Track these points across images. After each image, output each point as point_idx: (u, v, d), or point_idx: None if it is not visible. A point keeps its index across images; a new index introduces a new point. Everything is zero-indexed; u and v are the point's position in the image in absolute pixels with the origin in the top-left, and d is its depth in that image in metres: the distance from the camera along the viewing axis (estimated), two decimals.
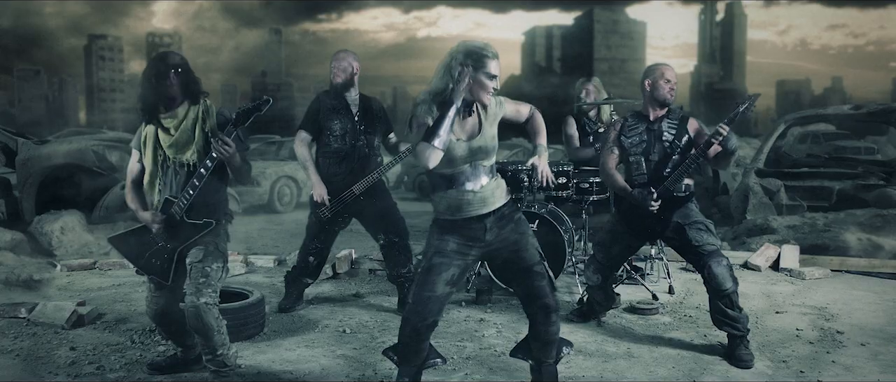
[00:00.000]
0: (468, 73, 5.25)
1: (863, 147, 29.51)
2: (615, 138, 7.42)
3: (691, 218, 7.11)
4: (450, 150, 5.28)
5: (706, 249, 6.97)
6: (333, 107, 8.27)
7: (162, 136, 5.86)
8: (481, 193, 5.46)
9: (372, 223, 8.52)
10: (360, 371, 6.59)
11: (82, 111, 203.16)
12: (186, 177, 5.86)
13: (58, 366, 6.67)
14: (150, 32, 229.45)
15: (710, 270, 6.90)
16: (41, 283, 9.95)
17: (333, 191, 8.21)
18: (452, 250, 5.47)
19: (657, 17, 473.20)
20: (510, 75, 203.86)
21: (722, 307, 6.92)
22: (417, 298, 5.38)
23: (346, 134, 8.24)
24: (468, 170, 5.44)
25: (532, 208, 9.06)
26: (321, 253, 8.60)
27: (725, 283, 6.87)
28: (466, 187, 5.42)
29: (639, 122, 7.37)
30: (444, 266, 5.43)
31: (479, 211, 5.47)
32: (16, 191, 15.34)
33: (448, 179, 5.43)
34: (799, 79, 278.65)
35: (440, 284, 5.39)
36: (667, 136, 7.20)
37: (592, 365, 6.71)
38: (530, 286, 5.55)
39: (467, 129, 5.45)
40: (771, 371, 6.60)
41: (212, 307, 5.87)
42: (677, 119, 7.24)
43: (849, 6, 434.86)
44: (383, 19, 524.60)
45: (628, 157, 7.32)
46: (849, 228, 12.91)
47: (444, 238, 5.49)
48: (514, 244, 5.61)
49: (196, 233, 5.89)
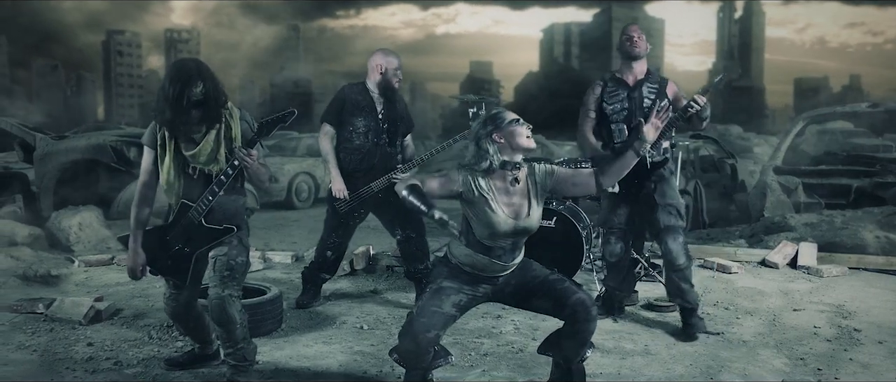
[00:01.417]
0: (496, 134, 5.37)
1: (881, 145, 29.39)
2: (596, 102, 7.62)
3: (666, 200, 7.52)
4: (494, 225, 5.29)
5: (666, 225, 7.41)
6: (358, 104, 8.25)
7: (183, 144, 5.79)
8: (507, 265, 5.48)
9: (389, 219, 8.53)
10: (377, 367, 6.58)
11: (100, 107, 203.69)
12: (205, 181, 5.82)
13: (75, 362, 6.67)
14: (169, 28, 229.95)
15: (666, 245, 7.45)
16: (59, 279, 9.97)
17: (352, 187, 8.20)
18: (463, 282, 5.47)
19: (676, 15, 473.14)
20: (528, 72, 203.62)
21: (676, 279, 7.46)
22: (423, 310, 5.33)
23: (368, 131, 8.22)
24: (508, 246, 5.43)
25: (550, 205, 9.04)
26: (339, 248, 8.61)
27: (679, 259, 7.38)
28: (500, 260, 5.44)
29: (619, 88, 7.58)
30: (453, 290, 5.43)
31: (497, 275, 5.51)
32: (34, 186, 15.40)
33: (486, 248, 5.41)
34: (817, 76, 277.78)
35: (447, 304, 5.37)
36: (647, 103, 7.40)
37: (610, 363, 6.71)
38: (555, 292, 5.46)
39: (514, 205, 5.41)
40: (788, 369, 6.59)
41: (236, 299, 5.86)
42: (656, 83, 7.57)
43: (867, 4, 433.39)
44: (401, 16, 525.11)
45: (609, 124, 7.54)
46: (866, 226, 12.86)
47: (454, 273, 5.51)
48: (521, 271, 5.60)
49: (215, 238, 5.87)
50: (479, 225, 5.33)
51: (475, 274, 5.46)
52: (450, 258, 5.55)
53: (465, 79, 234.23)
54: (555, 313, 5.53)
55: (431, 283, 5.51)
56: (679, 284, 7.44)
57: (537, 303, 5.60)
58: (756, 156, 31.85)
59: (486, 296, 5.64)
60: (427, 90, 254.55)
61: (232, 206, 5.92)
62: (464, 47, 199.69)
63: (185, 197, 5.84)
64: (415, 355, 5.36)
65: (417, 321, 5.28)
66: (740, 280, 9.92)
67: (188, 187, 5.86)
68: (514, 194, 5.39)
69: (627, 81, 7.58)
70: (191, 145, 5.76)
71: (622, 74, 7.63)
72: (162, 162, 5.84)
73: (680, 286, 7.44)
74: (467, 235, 5.45)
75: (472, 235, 5.41)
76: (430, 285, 5.50)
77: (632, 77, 7.57)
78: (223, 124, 5.77)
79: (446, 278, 5.46)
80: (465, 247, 5.45)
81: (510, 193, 5.38)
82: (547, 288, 5.49)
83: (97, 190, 15.48)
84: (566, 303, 5.39)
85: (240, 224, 5.96)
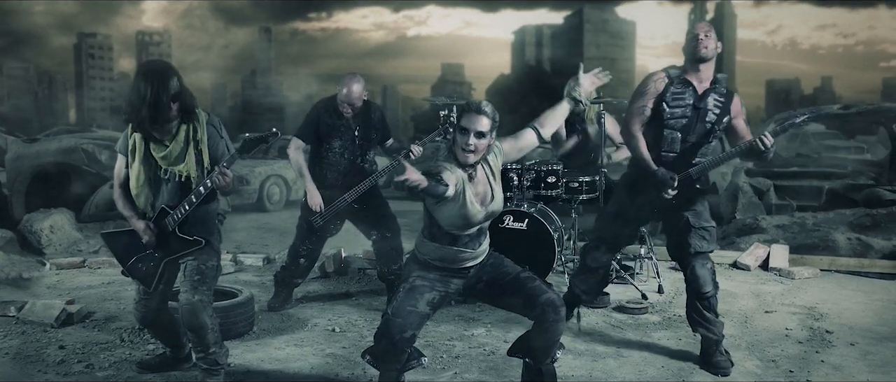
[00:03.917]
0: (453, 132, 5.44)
1: (852, 147, 29.58)
2: (654, 98, 6.72)
3: (701, 223, 6.82)
4: (469, 216, 5.33)
5: (695, 250, 6.79)
6: (334, 125, 8.25)
7: (153, 146, 5.81)
8: (475, 252, 5.54)
9: (364, 222, 8.54)
10: (349, 370, 6.59)
11: (72, 109, 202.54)
12: (177, 185, 5.83)
13: (47, 365, 6.66)
14: (140, 30, 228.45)
15: (693, 271, 6.79)
16: (30, 281, 9.94)
17: (327, 199, 8.23)
18: (435, 278, 5.53)
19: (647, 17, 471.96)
20: (500, 74, 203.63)
21: (700, 308, 6.81)
22: (398, 309, 5.36)
23: (344, 150, 8.27)
24: (474, 233, 5.49)
25: (522, 207, 9.06)
26: (312, 255, 8.62)
27: (706, 286, 6.76)
28: (467, 248, 5.49)
29: (685, 90, 6.68)
30: (426, 288, 5.48)
31: (467, 265, 5.56)
32: (5, 189, 15.33)
33: (453, 237, 5.45)
34: (789, 78, 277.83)
35: (422, 302, 5.43)
36: (711, 117, 6.64)
37: (581, 364, 6.72)
38: (526, 290, 5.51)
39: (480, 194, 5.45)
40: (760, 371, 6.62)
41: (206, 304, 5.86)
42: (723, 96, 6.68)
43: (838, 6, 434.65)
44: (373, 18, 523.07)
45: (663, 128, 6.70)
46: (838, 228, 12.93)
47: (425, 269, 5.56)
48: (492, 267, 5.67)
49: (185, 248, 5.85)
50: (452, 218, 5.36)
51: (445, 268, 5.55)
52: (418, 256, 5.61)
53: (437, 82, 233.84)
54: (524, 312, 5.56)
55: (404, 283, 5.54)
56: (704, 313, 6.81)
57: (508, 301, 5.64)
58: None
59: (458, 292, 5.69)
60: (399, 92, 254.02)
61: (203, 212, 5.91)
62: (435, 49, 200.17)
63: (156, 202, 5.84)
64: (391, 355, 5.38)
65: (393, 321, 5.30)
66: None
67: (158, 192, 5.87)
68: (477, 183, 5.45)
69: (694, 86, 6.67)
70: (161, 147, 5.77)
71: (688, 73, 6.72)
72: (131, 166, 5.86)
73: (705, 315, 6.81)
74: (431, 229, 5.50)
75: (436, 228, 5.46)
76: (403, 284, 5.53)
77: (699, 82, 6.67)
78: (191, 126, 5.78)
79: (418, 277, 5.52)
80: (430, 242, 5.50)
81: (474, 183, 5.42)
82: (517, 286, 5.54)
83: (69, 192, 15.42)
84: (536, 303, 5.43)
85: (210, 232, 5.96)
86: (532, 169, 9.45)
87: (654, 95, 6.70)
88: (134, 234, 5.97)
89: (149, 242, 5.86)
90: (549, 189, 9.42)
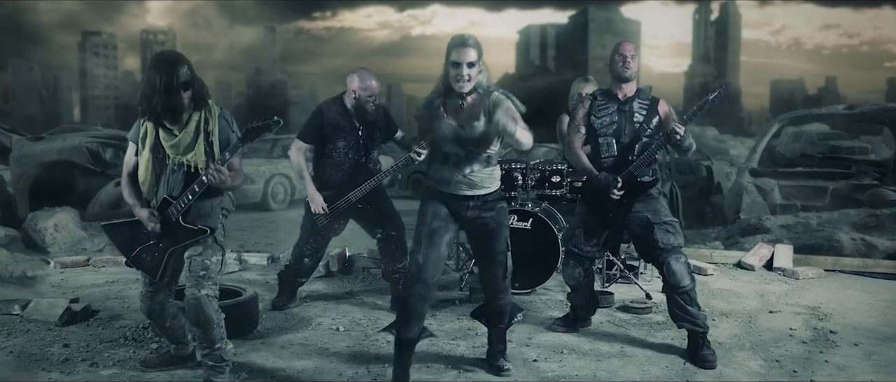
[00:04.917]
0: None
1: (857, 147, 29.57)
2: (584, 116, 7.32)
3: (661, 218, 7.05)
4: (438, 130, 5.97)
5: (667, 246, 6.98)
6: (338, 125, 8.23)
7: (163, 135, 5.84)
8: (469, 177, 5.99)
9: (369, 221, 8.51)
10: (353, 368, 6.58)
11: (76, 108, 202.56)
12: (184, 176, 5.86)
13: (51, 363, 6.66)
14: (145, 29, 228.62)
15: (668, 267, 6.93)
16: (34, 280, 9.93)
17: (330, 199, 8.22)
18: (446, 215, 6.13)
19: (651, 16, 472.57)
20: (505, 73, 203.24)
21: (681, 303, 6.93)
22: (426, 259, 5.95)
23: (349, 150, 8.25)
24: (461, 154, 5.94)
25: (526, 206, 9.05)
26: (316, 255, 8.62)
27: (683, 280, 6.90)
28: (457, 167, 5.97)
29: (609, 102, 7.26)
30: (444, 228, 6.09)
31: (465, 193, 6.02)
32: (9, 187, 15.32)
33: (444, 155, 6.05)
34: (793, 78, 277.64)
35: (443, 245, 6.09)
36: (637, 117, 7.14)
37: (585, 364, 6.72)
38: (489, 270, 6.34)
39: (461, 120, 5.91)
40: (764, 371, 6.61)
41: (212, 299, 5.88)
42: (647, 99, 7.21)
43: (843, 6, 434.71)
44: (378, 17, 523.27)
45: (597, 137, 7.24)
46: (842, 228, 12.92)
47: (436, 204, 6.08)
48: (489, 230, 6.24)
49: (189, 238, 5.87)
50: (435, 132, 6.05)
51: (445, 196, 6.10)
52: (426, 182, 6.28)
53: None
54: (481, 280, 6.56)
55: (422, 226, 6.11)
56: (686, 307, 6.93)
57: (478, 265, 6.54)
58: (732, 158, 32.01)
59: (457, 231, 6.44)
60: (403, 91, 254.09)
61: (207, 205, 5.93)
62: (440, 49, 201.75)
63: (162, 191, 5.88)
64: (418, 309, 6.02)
65: (425, 270, 5.95)
66: (716, 282, 9.96)
67: (167, 181, 5.90)
68: (461, 113, 5.96)
69: (617, 96, 7.23)
70: (171, 136, 5.81)
71: (612, 89, 7.27)
72: (141, 154, 5.91)
73: (687, 309, 6.92)
74: (433, 151, 6.20)
75: (436, 149, 6.14)
76: (421, 227, 6.10)
77: (622, 93, 7.22)
78: (202, 117, 5.82)
79: (434, 215, 6.10)
80: (432, 164, 6.22)
81: (458, 112, 5.97)
82: (488, 264, 6.35)
83: (73, 191, 15.42)
84: (488, 283, 6.42)
85: (214, 224, 5.97)
86: (536, 168, 9.45)
87: (584, 114, 7.34)
88: (135, 225, 6.00)
89: (153, 230, 5.88)
90: (553, 188, 9.42)
